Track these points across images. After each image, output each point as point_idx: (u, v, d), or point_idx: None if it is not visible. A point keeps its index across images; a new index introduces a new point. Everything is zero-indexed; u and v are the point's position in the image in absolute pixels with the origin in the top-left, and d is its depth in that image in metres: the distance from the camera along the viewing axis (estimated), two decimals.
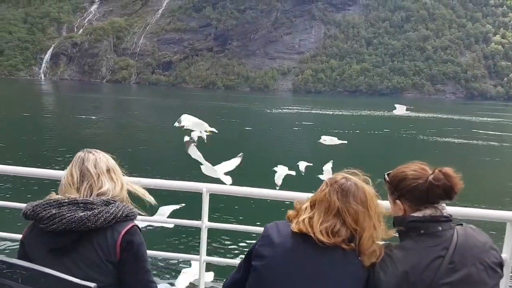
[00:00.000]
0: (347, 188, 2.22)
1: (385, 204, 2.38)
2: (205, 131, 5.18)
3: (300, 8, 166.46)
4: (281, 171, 6.31)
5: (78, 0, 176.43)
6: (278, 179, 6.31)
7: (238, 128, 37.14)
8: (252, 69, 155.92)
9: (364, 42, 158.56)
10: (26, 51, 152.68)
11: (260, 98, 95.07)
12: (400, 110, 8.37)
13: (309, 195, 2.39)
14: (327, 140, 6.37)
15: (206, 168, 4.94)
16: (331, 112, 60.53)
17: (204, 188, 3.27)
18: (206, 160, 4.38)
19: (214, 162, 4.52)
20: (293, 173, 5.91)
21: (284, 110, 62.69)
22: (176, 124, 5.10)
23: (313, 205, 2.25)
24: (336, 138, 6.30)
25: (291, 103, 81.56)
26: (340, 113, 60.30)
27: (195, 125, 5.18)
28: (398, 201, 2.31)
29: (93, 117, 40.73)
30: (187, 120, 4.96)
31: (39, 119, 38.72)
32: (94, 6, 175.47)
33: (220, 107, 63.53)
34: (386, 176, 2.40)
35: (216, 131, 5.07)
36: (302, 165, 6.38)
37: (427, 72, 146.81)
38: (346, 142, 6.35)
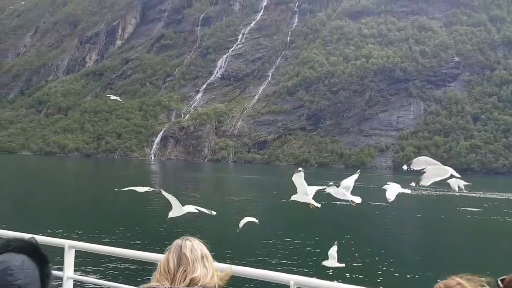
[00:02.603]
0: None
1: None
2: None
3: (395, 86, 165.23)
4: (394, 188, 6.27)
5: (186, 90, 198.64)
6: (391, 194, 6.38)
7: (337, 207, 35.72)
8: (346, 146, 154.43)
9: (471, 118, 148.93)
10: (140, 134, 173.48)
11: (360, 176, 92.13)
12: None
13: None
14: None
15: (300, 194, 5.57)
16: (443, 192, 54.89)
17: (292, 280, 2.83)
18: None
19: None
20: (408, 191, 5.79)
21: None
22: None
23: None
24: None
25: (392, 181, 77.30)
26: (453, 194, 53.66)
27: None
28: None
29: (196, 196, 42.71)
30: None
31: (146, 197, 41.76)
32: (199, 95, 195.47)
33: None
34: (499, 282, 2.09)
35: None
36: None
37: None
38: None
